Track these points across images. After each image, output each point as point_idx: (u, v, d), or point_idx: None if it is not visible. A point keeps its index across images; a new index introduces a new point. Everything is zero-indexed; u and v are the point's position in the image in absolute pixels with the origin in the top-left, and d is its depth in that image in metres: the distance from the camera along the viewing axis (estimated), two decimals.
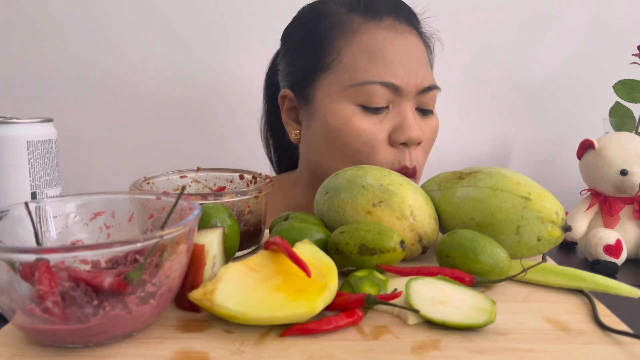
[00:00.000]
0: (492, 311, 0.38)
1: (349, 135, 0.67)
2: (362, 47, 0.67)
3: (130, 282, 0.34)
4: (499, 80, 1.06)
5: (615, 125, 0.85)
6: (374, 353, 0.34)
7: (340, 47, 0.68)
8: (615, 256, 0.64)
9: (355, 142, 0.67)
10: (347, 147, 0.67)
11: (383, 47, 0.67)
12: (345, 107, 0.67)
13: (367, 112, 0.67)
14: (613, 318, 0.40)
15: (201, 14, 1.02)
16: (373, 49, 0.67)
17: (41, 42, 1.02)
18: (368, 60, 0.67)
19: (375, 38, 0.67)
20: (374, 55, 0.67)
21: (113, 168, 1.05)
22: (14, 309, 0.34)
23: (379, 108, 0.67)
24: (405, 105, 0.67)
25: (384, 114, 0.67)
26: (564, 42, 1.05)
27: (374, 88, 0.66)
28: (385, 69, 0.66)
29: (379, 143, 0.67)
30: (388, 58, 0.66)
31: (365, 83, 0.66)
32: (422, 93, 0.68)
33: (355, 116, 0.67)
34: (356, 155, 0.67)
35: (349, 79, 0.67)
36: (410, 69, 0.67)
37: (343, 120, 0.67)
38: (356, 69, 0.67)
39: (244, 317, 0.36)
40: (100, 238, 0.44)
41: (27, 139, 0.49)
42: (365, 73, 0.66)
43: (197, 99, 1.04)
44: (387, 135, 0.67)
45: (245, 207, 0.53)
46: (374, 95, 0.66)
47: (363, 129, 0.66)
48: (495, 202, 0.49)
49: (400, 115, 0.67)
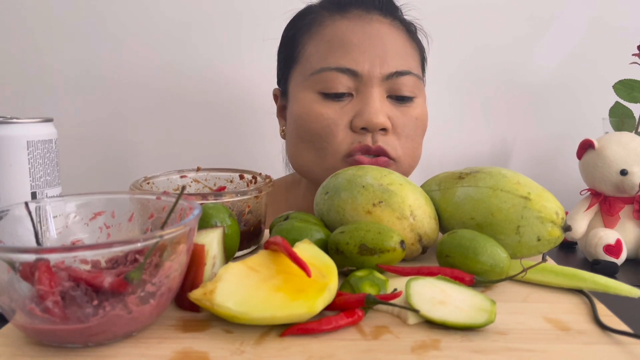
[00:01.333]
0: (492, 311, 0.38)
1: (310, 122, 0.67)
2: (325, 37, 0.69)
3: (130, 282, 0.34)
4: (499, 80, 1.06)
5: (615, 125, 0.84)
6: (374, 353, 0.34)
7: (306, 40, 0.71)
8: (615, 256, 0.64)
9: (315, 127, 0.67)
10: (307, 134, 0.68)
11: (344, 35, 0.68)
12: (307, 95, 0.68)
13: (328, 99, 0.67)
14: (613, 318, 0.40)
15: (202, 13, 1.02)
16: (334, 39, 0.68)
17: (41, 42, 1.02)
18: (328, 48, 0.68)
19: (338, 28, 0.69)
20: (334, 43, 0.68)
21: (113, 168, 1.05)
22: (14, 309, 0.34)
23: (338, 94, 0.67)
24: (369, 91, 0.67)
25: (347, 101, 0.67)
26: (564, 42, 1.05)
27: (330, 74, 0.67)
28: (342, 56, 0.67)
29: (339, 127, 0.67)
30: (348, 45, 0.67)
31: (323, 70, 0.67)
32: (391, 78, 0.67)
33: (315, 103, 0.67)
34: (316, 140, 0.68)
35: (310, 68, 0.69)
36: (374, 54, 0.67)
37: (305, 107, 0.68)
38: (317, 58, 0.68)
39: (244, 317, 0.36)
40: (100, 238, 0.44)
41: (27, 138, 0.49)
42: (324, 61, 0.67)
43: (197, 99, 1.04)
44: (349, 121, 0.67)
45: (245, 207, 0.53)
46: (332, 82, 0.67)
47: (321, 114, 0.67)
48: (495, 202, 0.49)
49: (363, 101, 0.67)
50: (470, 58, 1.05)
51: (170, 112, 1.05)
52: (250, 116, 1.05)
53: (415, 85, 0.69)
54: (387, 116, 0.67)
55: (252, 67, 1.03)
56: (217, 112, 1.05)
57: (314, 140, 0.68)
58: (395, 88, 0.68)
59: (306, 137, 0.69)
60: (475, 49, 1.05)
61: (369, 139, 0.66)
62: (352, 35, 0.68)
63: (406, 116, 0.69)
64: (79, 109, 1.03)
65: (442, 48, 0.98)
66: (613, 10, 1.04)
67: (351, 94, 0.68)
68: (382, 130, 0.67)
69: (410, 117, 0.69)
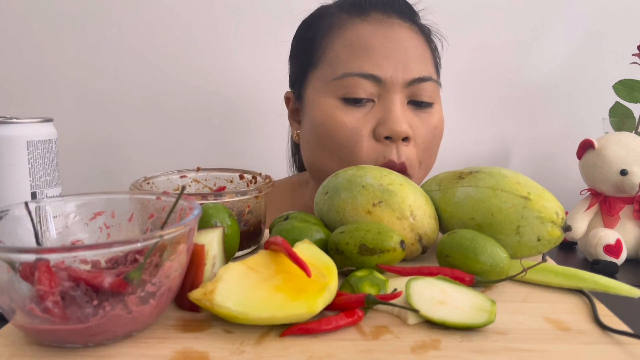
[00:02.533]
0: (492, 311, 0.38)
1: (332, 130, 0.66)
2: (346, 41, 0.67)
3: (130, 282, 0.34)
4: (499, 80, 1.06)
5: (615, 125, 0.84)
6: (374, 353, 0.34)
7: (326, 44, 0.69)
8: (615, 256, 0.64)
9: (338, 137, 0.66)
10: (331, 142, 0.67)
11: (366, 40, 0.66)
12: (328, 101, 0.67)
13: (349, 105, 0.66)
14: (613, 318, 0.40)
15: (203, 14, 1.02)
16: (355, 43, 0.67)
17: (41, 42, 1.02)
18: (350, 53, 0.66)
19: (359, 32, 0.67)
20: (356, 48, 0.66)
21: (113, 168, 1.05)
22: (14, 309, 0.34)
23: (360, 100, 0.66)
24: (392, 98, 0.65)
25: (369, 107, 0.66)
26: (564, 42, 1.05)
27: (353, 80, 0.65)
28: (366, 61, 0.65)
29: (362, 137, 0.65)
30: (370, 50, 0.66)
31: (345, 75, 0.65)
32: (412, 85, 0.66)
33: (337, 110, 0.66)
34: (340, 150, 0.66)
35: (332, 73, 0.67)
36: (397, 60, 0.65)
37: (326, 114, 0.66)
38: (338, 62, 0.67)
39: (244, 317, 0.36)
40: (100, 238, 0.44)
41: (27, 139, 0.49)
42: (347, 66, 0.66)
43: (197, 99, 1.04)
44: (372, 130, 0.66)
45: (245, 207, 0.53)
46: (354, 87, 0.65)
47: (344, 123, 0.65)
48: (495, 202, 0.49)
49: (386, 108, 0.65)
50: (470, 58, 1.05)
51: (171, 112, 1.05)
52: (251, 116, 1.05)
53: (434, 91, 0.69)
54: (409, 124, 0.66)
55: (253, 67, 1.03)
56: (217, 112, 1.05)
57: (338, 150, 0.66)
58: (416, 93, 0.67)
59: (329, 145, 0.67)
60: (475, 49, 1.05)
61: (393, 152, 0.65)
62: (375, 39, 0.66)
63: (426, 126, 0.68)
64: (79, 109, 1.03)
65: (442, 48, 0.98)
66: (613, 10, 1.04)
67: (372, 99, 0.66)
68: (405, 140, 0.65)
69: (430, 127, 0.68)
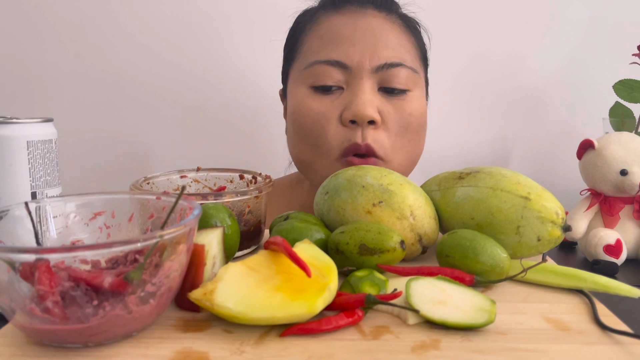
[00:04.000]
0: (492, 311, 0.38)
1: (302, 116, 0.68)
2: (318, 33, 0.70)
3: (130, 282, 0.34)
4: (499, 80, 1.06)
5: (615, 125, 0.84)
6: (374, 353, 0.34)
7: (303, 38, 0.72)
8: (615, 256, 0.64)
9: (308, 123, 0.67)
10: (302, 130, 0.68)
11: (336, 30, 0.68)
12: (300, 90, 0.69)
13: (319, 93, 0.67)
14: (613, 318, 0.40)
15: (202, 13, 1.02)
16: (326, 34, 0.68)
17: (41, 42, 1.02)
18: (320, 43, 0.68)
19: (331, 23, 0.69)
20: (326, 38, 0.68)
21: (113, 168, 1.05)
22: (14, 309, 0.34)
23: (328, 88, 0.67)
24: (359, 83, 0.66)
25: (337, 94, 0.67)
26: (564, 42, 1.05)
27: (321, 68, 0.67)
28: (334, 49, 0.67)
29: (329, 122, 0.66)
30: (339, 39, 0.67)
31: (314, 64, 0.67)
32: (381, 71, 0.66)
33: (307, 98, 0.68)
34: (311, 137, 0.68)
35: (304, 64, 0.69)
36: (364, 47, 0.66)
37: (297, 102, 0.69)
38: (310, 53, 0.69)
39: (244, 317, 0.36)
40: (100, 238, 0.44)
41: (27, 139, 0.49)
42: (316, 55, 0.68)
43: (197, 99, 1.04)
44: (339, 115, 0.67)
45: (245, 207, 0.53)
46: (322, 75, 0.67)
47: (312, 109, 0.67)
48: (495, 202, 0.49)
49: (352, 93, 0.66)
50: (471, 58, 1.05)
51: (171, 112, 1.05)
52: (251, 116, 1.05)
53: (409, 78, 0.68)
54: (378, 110, 0.66)
55: (254, 67, 1.03)
56: (217, 112, 1.05)
57: (308, 136, 0.68)
58: (387, 79, 0.67)
59: (301, 132, 0.69)
60: (475, 49, 1.05)
61: (358, 134, 0.65)
62: (344, 28, 0.68)
63: (398, 111, 0.67)
64: (79, 109, 1.03)
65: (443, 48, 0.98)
66: (613, 10, 1.04)
67: (342, 87, 0.67)
68: (372, 123, 0.65)
69: (403, 113, 0.67)
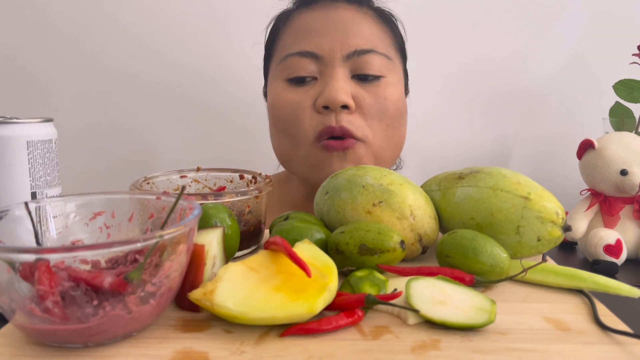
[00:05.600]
0: (492, 311, 0.38)
1: (279, 109, 0.69)
2: (292, 29, 0.71)
3: (130, 282, 0.34)
4: (499, 80, 1.06)
5: (615, 125, 0.84)
6: (374, 353, 0.34)
7: (277, 36, 0.73)
8: (615, 256, 0.64)
9: (284, 114, 0.69)
10: (280, 122, 0.70)
11: (308, 24, 0.70)
12: (277, 84, 0.70)
13: (293, 85, 0.69)
14: (613, 318, 0.40)
15: (202, 13, 1.02)
16: (299, 29, 0.70)
17: (41, 42, 1.02)
18: (294, 38, 0.70)
19: (303, 19, 0.71)
20: (299, 32, 0.70)
21: (113, 168, 1.05)
22: (14, 309, 0.34)
23: (302, 79, 0.68)
24: (332, 72, 0.67)
25: (311, 84, 0.69)
26: (564, 42, 1.05)
27: (293, 60, 0.68)
28: (306, 42, 0.68)
29: (304, 111, 0.68)
30: (311, 31, 0.69)
31: (287, 57, 0.69)
32: (353, 57, 0.67)
33: (283, 91, 0.69)
34: (287, 127, 0.69)
35: (278, 59, 0.71)
36: (335, 36, 0.68)
37: (274, 96, 0.70)
38: (284, 48, 0.71)
39: (244, 317, 0.36)
40: (100, 238, 0.44)
41: (27, 138, 0.49)
42: (289, 48, 0.70)
43: (197, 99, 1.04)
44: (312, 103, 0.68)
45: (245, 207, 0.53)
46: (295, 67, 0.68)
47: (287, 100, 0.68)
48: (496, 202, 0.49)
49: (325, 81, 0.67)
50: (471, 58, 1.05)
51: (170, 111, 1.05)
52: (250, 116, 1.05)
53: (382, 64, 0.69)
54: (352, 95, 0.67)
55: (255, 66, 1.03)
56: (217, 112, 1.05)
57: (285, 128, 0.69)
58: (359, 67, 0.68)
59: (279, 125, 0.70)
60: (475, 48, 1.05)
61: (332, 118, 0.66)
62: (316, 21, 0.69)
63: (373, 96, 0.68)
64: (79, 109, 1.03)
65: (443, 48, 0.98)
66: (613, 10, 1.04)
67: (315, 77, 0.69)
68: (345, 108, 0.66)
69: (378, 97, 0.68)
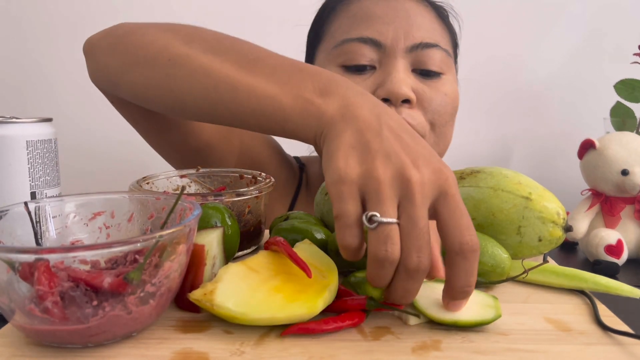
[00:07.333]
0: (497, 306, 0.38)
1: None
2: (349, 13, 0.68)
3: (130, 282, 0.34)
4: (500, 80, 1.06)
5: (616, 125, 0.84)
6: (374, 353, 0.34)
7: (332, 18, 0.70)
8: (616, 256, 0.64)
9: None
10: None
11: (368, 9, 0.66)
12: (330, 69, 0.66)
13: (350, 73, 0.65)
14: (614, 318, 0.40)
15: (202, 13, 1.02)
16: (358, 13, 0.67)
17: (41, 42, 1.02)
18: (351, 23, 0.67)
19: (362, 4, 0.67)
20: (358, 17, 0.66)
21: (113, 168, 1.05)
22: (14, 309, 0.34)
23: (360, 66, 0.65)
24: (393, 62, 0.64)
25: (369, 74, 0.65)
26: (565, 42, 1.05)
27: (352, 46, 0.65)
28: (366, 27, 0.65)
29: None
30: (372, 17, 0.65)
31: (345, 42, 0.65)
32: (416, 50, 0.64)
33: None
34: None
35: (333, 43, 0.67)
36: (398, 26, 0.64)
37: None
38: (340, 32, 0.67)
39: (244, 317, 0.36)
40: (99, 238, 0.44)
41: (26, 138, 0.48)
42: (347, 33, 0.66)
43: None
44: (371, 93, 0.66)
45: (245, 207, 0.53)
46: (354, 53, 0.65)
47: None
48: (496, 202, 0.49)
49: (386, 72, 0.64)
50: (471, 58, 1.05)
51: None
52: None
53: (443, 60, 0.66)
54: (412, 89, 0.63)
55: None
56: None
57: None
58: (421, 61, 0.65)
59: None
60: (476, 48, 1.04)
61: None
62: (377, 7, 0.66)
63: (434, 90, 0.65)
64: (79, 109, 1.03)
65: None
66: (614, 10, 1.04)
67: (374, 66, 0.65)
68: (406, 102, 0.63)
69: (439, 92, 0.65)
